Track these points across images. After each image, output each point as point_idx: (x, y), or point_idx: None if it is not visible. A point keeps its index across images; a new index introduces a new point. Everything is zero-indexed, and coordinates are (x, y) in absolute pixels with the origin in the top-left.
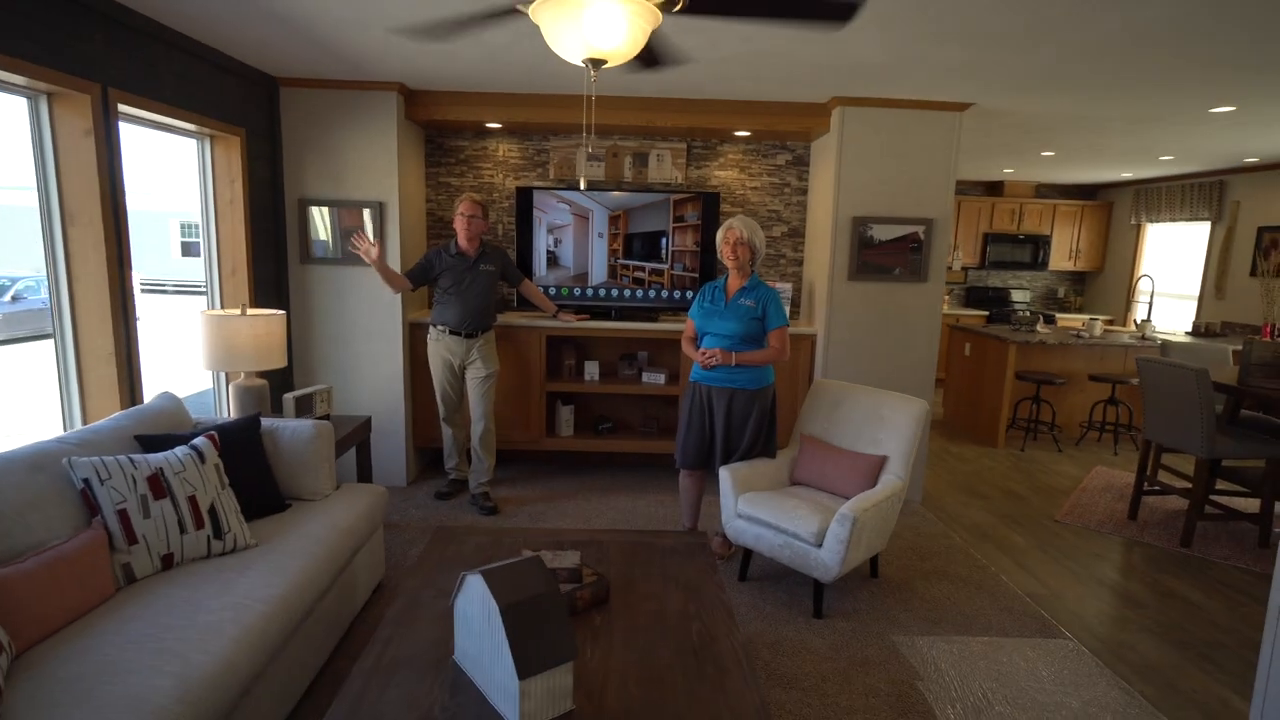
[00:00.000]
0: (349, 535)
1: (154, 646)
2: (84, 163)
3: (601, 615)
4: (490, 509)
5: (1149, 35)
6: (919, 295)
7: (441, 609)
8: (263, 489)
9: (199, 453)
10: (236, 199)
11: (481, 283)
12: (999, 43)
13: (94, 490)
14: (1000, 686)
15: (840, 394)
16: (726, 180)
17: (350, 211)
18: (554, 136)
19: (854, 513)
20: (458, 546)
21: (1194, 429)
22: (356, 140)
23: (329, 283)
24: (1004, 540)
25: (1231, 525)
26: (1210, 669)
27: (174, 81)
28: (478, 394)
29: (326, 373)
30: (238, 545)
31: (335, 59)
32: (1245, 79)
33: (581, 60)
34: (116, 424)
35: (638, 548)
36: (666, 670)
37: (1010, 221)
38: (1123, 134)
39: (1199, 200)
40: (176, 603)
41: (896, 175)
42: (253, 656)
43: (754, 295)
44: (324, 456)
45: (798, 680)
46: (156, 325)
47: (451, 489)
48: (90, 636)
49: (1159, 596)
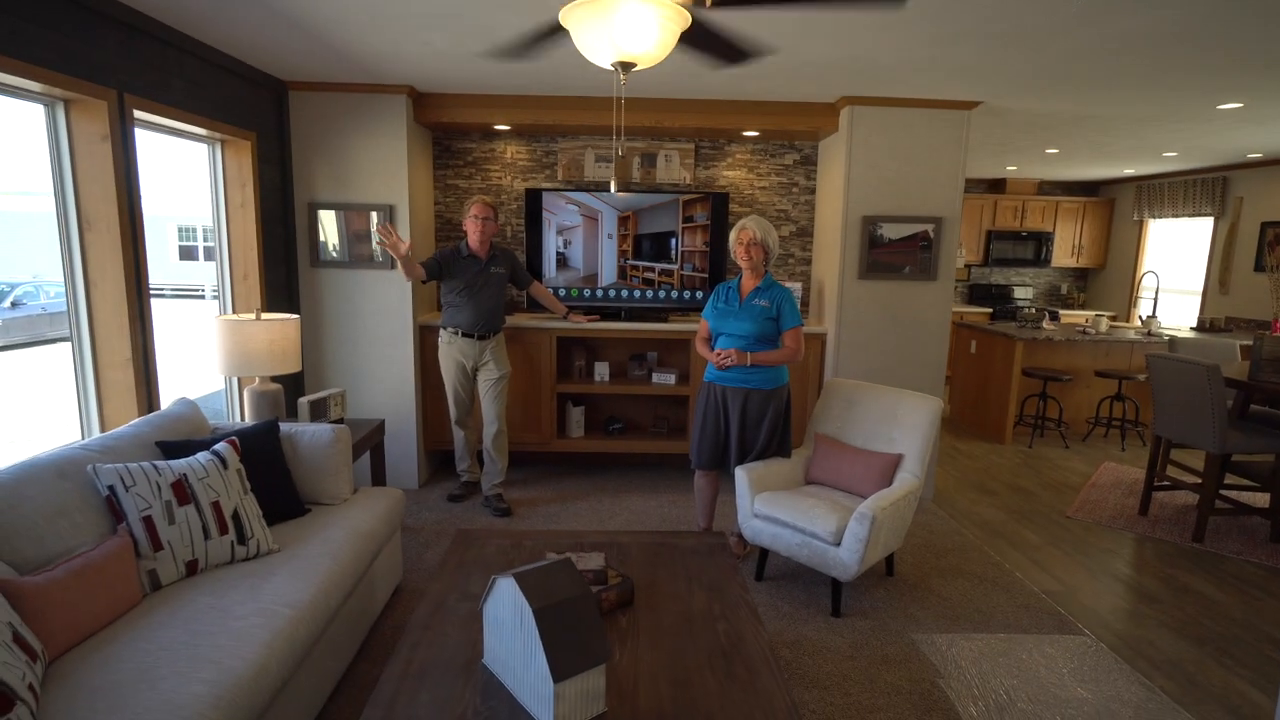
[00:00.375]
0: (369, 539)
1: (187, 653)
2: (101, 169)
3: (627, 616)
4: (504, 511)
5: (1160, 35)
6: (929, 294)
7: (467, 612)
8: (283, 494)
9: (221, 458)
10: (248, 203)
11: (493, 285)
12: (1007, 42)
13: (119, 497)
14: (1021, 684)
15: (854, 393)
16: (735, 180)
17: (359, 215)
18: (562, 138)
19: (873, 511)
20: (479, 549)
21: (1205, 425)
22: (365, 143)
23: (339, 286)
24: (1016, 537)
25: (1242, 520)
26: (1229, 663)
27: (187, 86)
28: (490, 396)
29: (337, 376)
30: (260, 551)
31: (345, 62)
32: (1253, 75)
33: (611, 64)
34: (137, 430)
35: (659, 548)
36: (696, 671)
37: (1013, 218)
38: (1129, 133)
39: (1202, 196)
40: (204, 609)
41: (905, 174)
42: (283, 661)
43: (768, 295)
44: (342, 460)
45: (820, 680)
46: (160, 329)
47: (464, 491)
48: (121, 644)
49: (1174, 592)
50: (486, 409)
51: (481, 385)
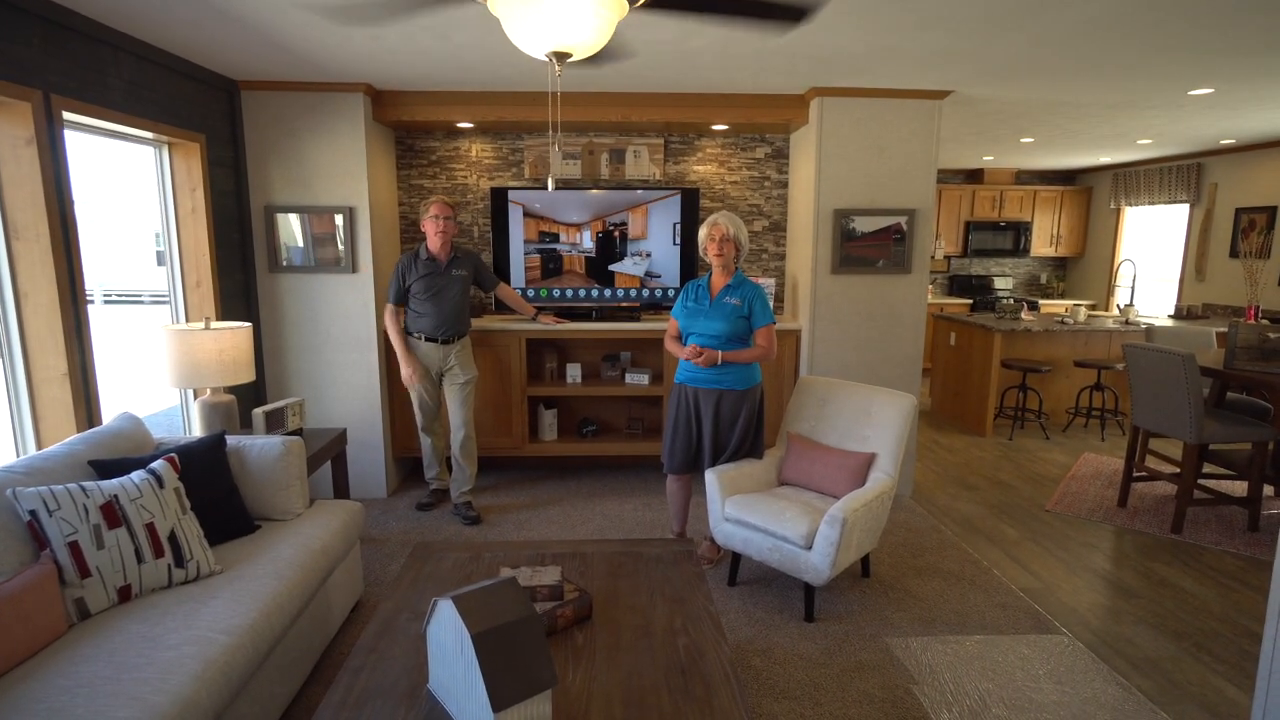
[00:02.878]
0: (322, 556)
1: (108, 689)
2: (26, 174)
3: (584, 633)
4: (473, 519)
5: (1126, 19)
6: (904, 286)
7: (416, 633)
8: (229, 511)
9: (157, 477)
10: (198, 208)
11: (455, 287)
12: (976, 28)
13: (41, 522)
14: (996, 687)
15: (827, 391)
16: (706, 175)
17: (321, 217)
18: (528, 135)
19: (844, 514)
20: (435, 564)
21: (1182, 414)
22: (323, 144)
23: (299, 291)
24: (995, 532)
25: (1221, 509)
26: (1206, 659)
27: (124, 87)
28: (457, 401)
29: (300, 384)
30: (201, 573)
31: (296, 60)
32: (1223, 61)
33: (545, 54)
34: (70, 449)
35: (622, 558)
36: (652, 691)
37: (991, 209)
38: (1102, 119)
39: (1177, 183)
40: (134, 639)
41: (877, 166)
42: (216, 693)
43: (739, 293)
44: (294, 474)
45: (790, 690)
46: (133, 337)
47: (433, 499)
48: (37, 681)
49: (1152, 585)
50: (453, 414)
51: (448, 390)
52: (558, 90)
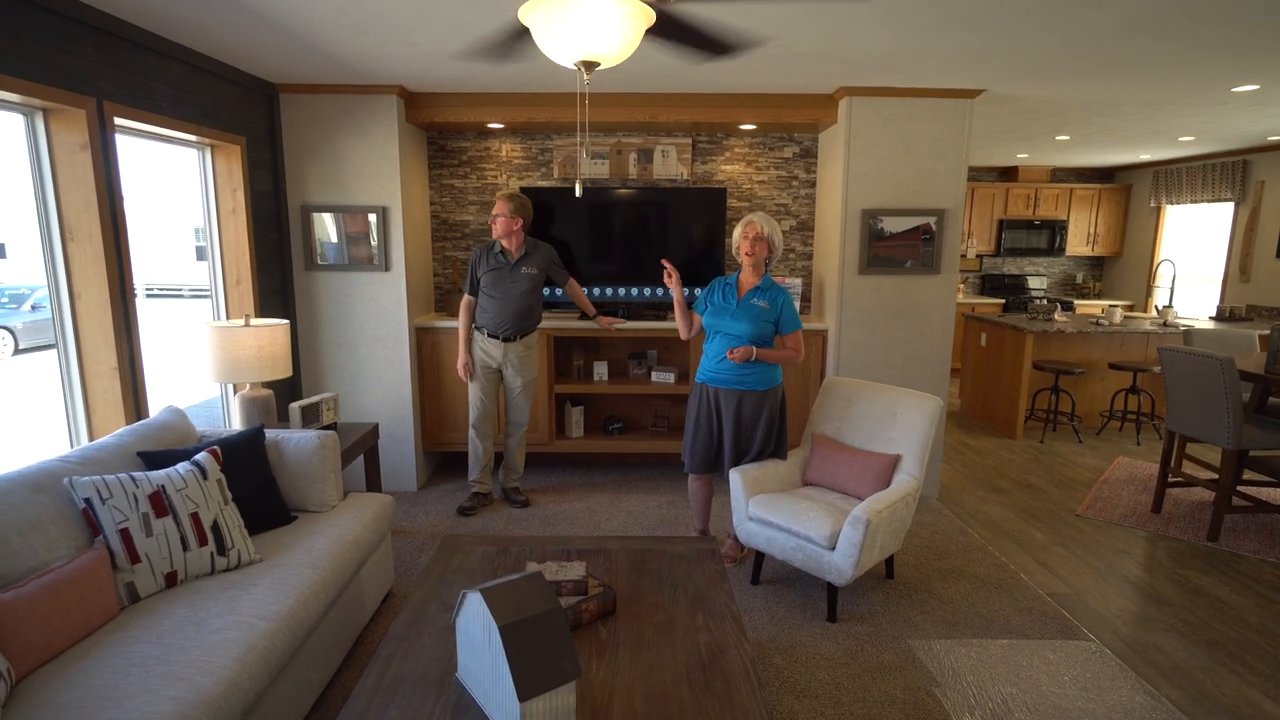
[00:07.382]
0: (355, 547)
1: (158, 670)
2: (81, 178)
3: (608, 628)
4: (522, 502)
5: (1167, 16)
6: (932, 287)
7: (445, 624)
8: (267, 502)
9: (201, 468)
10: (239, 208)
11: (520, 285)
12: (1009, 28)
13: (95, 510)
14: (1020, 692)
15: (853, 392)
16: (733, 175)
17: (355, 217)
18: (557, 135)
19: (867, 515)
20: (463, 557)
21: (1220, 420)
22: (358, 144)
23: (333, 289)
24: (1023, 536)
25: (1261, 518)
26: (1241, 670)
27: (170, 92)
28: (518, 401)
29: (334, 379)
30: (241, 561)
31: (333, 64)
32: (1268, 56)
33: (574, 63)
34: (120, 440)
35: (646, 555)
36: (673, 685)
37: (1025, 207)
38: (1141, 117)
39: (1221, 181)
40: (180, 622)
41: (906, 166)
42: (256, 676)
43: (767, 296)
44: (329, 467)
45: (811, 689)
46: (174, 331)
47: (474, 503)
48: (93, 659)
49: (1186, 594)
50: (512, 410)
51: (508, 388)
52: (586, 93)
